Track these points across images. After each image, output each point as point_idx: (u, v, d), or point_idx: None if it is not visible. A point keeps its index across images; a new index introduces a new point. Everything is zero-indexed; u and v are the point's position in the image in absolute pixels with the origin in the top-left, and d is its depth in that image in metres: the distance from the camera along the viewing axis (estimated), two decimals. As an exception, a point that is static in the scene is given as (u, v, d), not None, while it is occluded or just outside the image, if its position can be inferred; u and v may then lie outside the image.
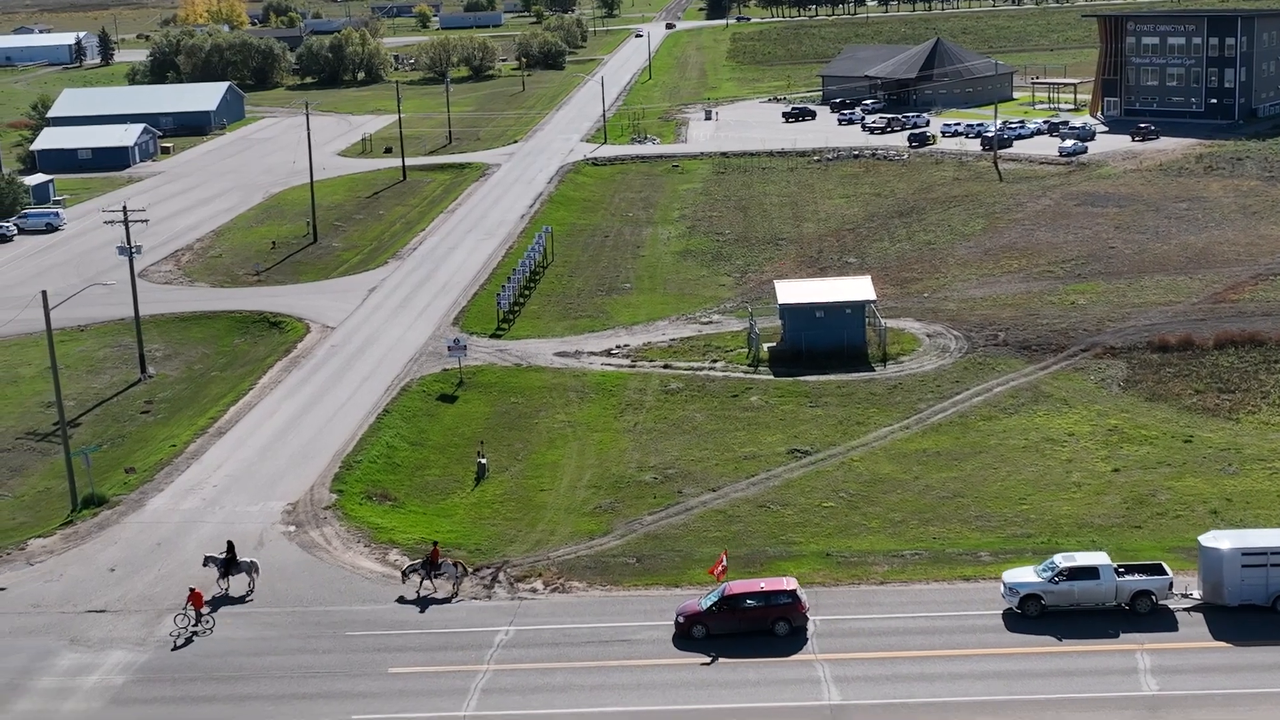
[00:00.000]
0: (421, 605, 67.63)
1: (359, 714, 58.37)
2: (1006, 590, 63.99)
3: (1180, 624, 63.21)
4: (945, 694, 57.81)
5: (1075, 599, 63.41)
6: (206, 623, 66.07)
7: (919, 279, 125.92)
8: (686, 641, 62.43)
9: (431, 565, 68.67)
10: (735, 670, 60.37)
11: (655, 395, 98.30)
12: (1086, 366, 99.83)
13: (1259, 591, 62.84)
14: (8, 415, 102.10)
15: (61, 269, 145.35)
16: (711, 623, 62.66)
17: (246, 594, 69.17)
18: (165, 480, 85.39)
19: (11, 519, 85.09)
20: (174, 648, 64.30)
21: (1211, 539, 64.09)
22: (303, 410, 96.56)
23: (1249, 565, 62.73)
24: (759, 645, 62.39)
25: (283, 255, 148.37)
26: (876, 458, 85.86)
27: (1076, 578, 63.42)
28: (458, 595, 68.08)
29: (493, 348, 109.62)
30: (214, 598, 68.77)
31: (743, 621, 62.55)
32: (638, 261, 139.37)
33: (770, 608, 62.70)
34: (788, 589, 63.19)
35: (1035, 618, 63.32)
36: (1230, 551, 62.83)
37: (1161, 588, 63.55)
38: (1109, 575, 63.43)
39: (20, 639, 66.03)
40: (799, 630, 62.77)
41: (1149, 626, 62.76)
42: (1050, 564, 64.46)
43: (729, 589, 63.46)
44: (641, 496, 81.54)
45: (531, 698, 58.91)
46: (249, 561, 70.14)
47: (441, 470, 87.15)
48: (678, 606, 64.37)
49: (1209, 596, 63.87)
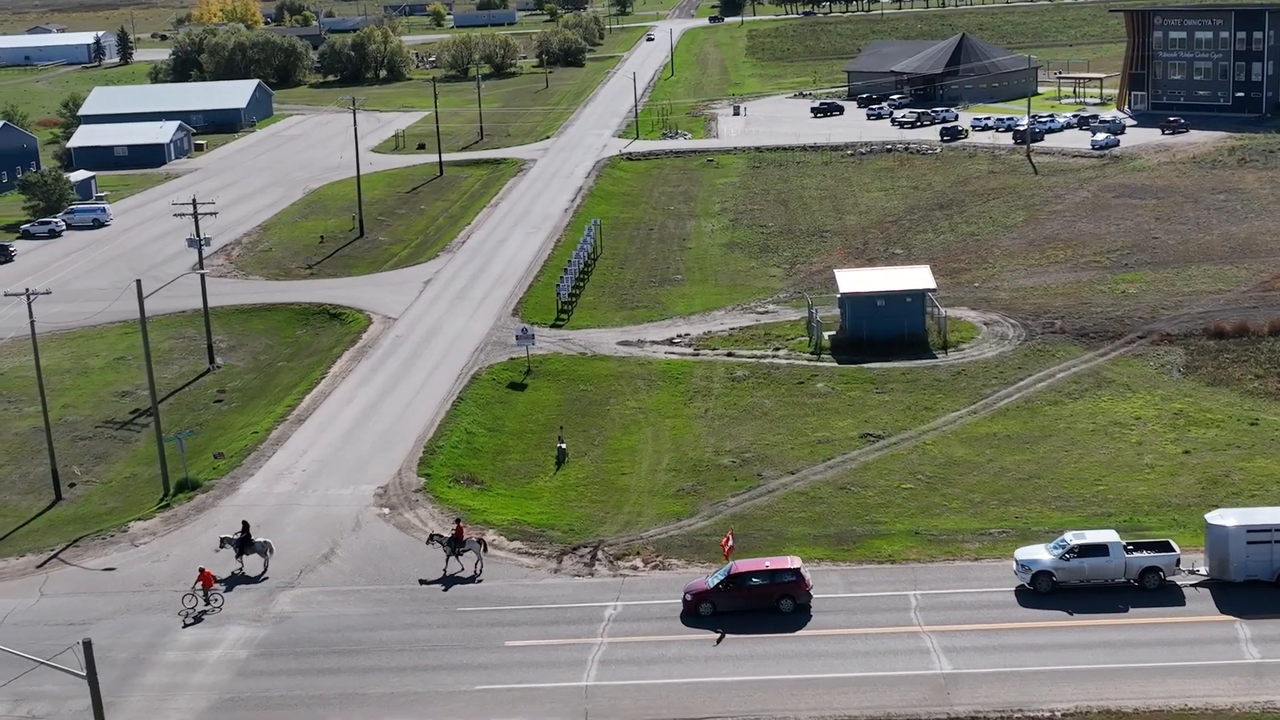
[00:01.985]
0: (446, 584, 69.60)
1: (482, 684, 60.15)
2: (1019, 567, 65.90)
3: (1188, 599, 64.73)
4: (1053, 663, 59.48)
5: (1086, 575, 65.26)
6: (216, 601, 67.82)
7: (967, 269, 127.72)
8: (694, 618, 64.25)
9: (457, 542, 70.50)
10: (842, 642, 62.23)
11: (722, 382, 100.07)
12: (1145, 353, 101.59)
13: (1264, 567, 64.74)
14: (83, 405, 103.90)
15: (115, 264, 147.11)
16: (718, 600, 64.62)
17: (261, 574, 71.00)
18: (254, 465, 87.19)
19: (102, 504, 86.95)
20: (184, 625, 65.99)
21: (1218, 517, 66.05)
22: (378, 398, 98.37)
23: (1254, 542, 64.62)
24: (764, 622, 64.08)
25: (332, 249, 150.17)
26: (949, 441, 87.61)
27: (1087, 555, 65.31)
28: (481, 573, 69.68)
29: (555, 337, 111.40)
30: (231, 575, 71.04)
31: (749, 599, 64.53)
32: (685, 254, 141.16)
33: (775, 585, 64.65)
34: (792, 567, 65.21)
35: (1047, 594, 64.89)
36: (1236, 529, 64.73)
37: (1169, 564, 65.37)
38: (1118, 552, 65.33)
39: (138, 616, 67.85)
40: (803, 607, 64.70)
41: (1157, 601, 64.31)
42: (1061, 541, 66.36)
43: (735, 568, 65.47)
44: (722, 480, 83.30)
45: (649, 669, 60.74)
46: (263, 542, 72.33)
47: (521, 455, 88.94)
48: (686, 585, 66.07)
49: (1215, 572, 65.75)
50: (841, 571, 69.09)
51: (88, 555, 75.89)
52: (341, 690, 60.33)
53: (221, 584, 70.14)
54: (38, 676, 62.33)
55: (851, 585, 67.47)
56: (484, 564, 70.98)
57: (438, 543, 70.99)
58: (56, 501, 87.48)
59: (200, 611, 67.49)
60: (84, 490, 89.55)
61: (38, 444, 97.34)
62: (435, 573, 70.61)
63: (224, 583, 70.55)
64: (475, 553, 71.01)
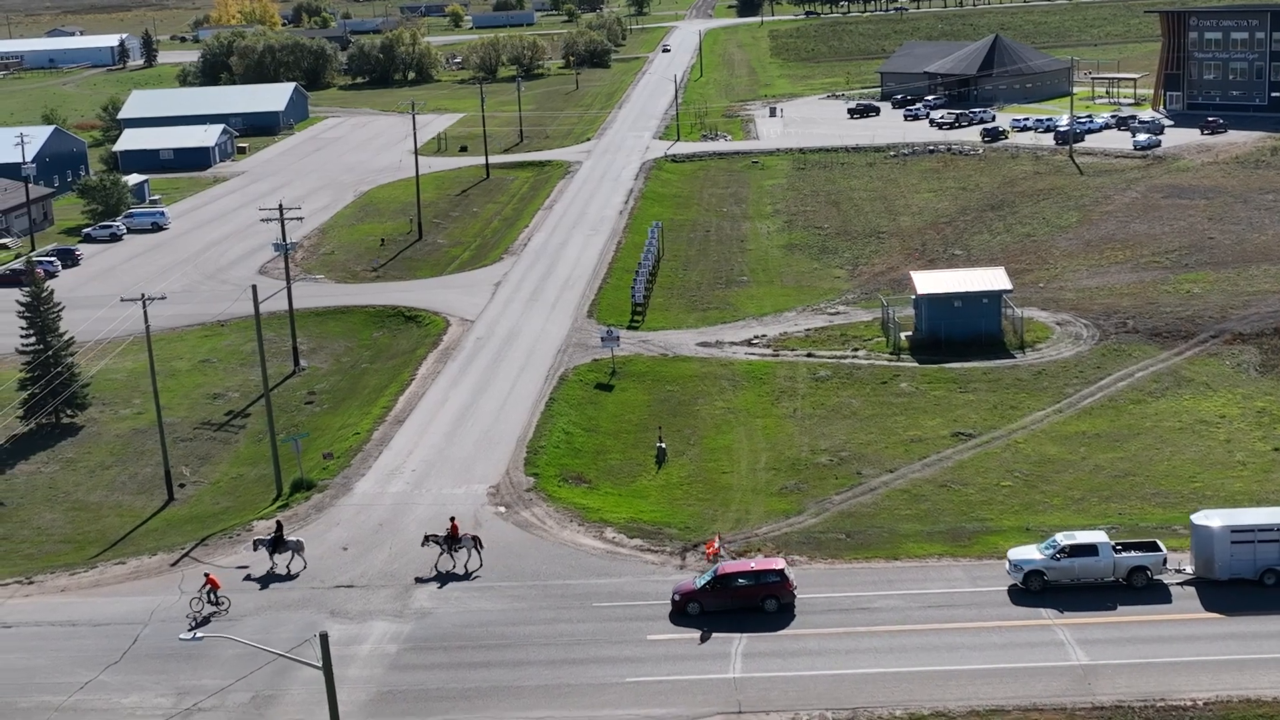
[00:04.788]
0: (442, 580, 71.88)
1: (632, 677, 62.21)
2: (1011, 567, 68.14)
3: (1174, 597, 66.87)
4: (1187, 654, 61.53)
5: (1076, 574, 67.43)
6: (222, 604, 70.03)
7: (1029, 270, 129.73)
8: (682, 617, 66.57)
9: (452, 540, 72.62)
10: (978, 635, 64.29)
11: (806, 383, 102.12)
12: (1219, 352, 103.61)
13: (1247, 566, 66.97)
14: (177, 407, 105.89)
15: (181, 267, 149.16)
16: (705, 600, 66.85)
17: (297, 571, 73.63)
18: (363, 465, 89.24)
19: (215, 504, 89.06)
20: (190, 628, 67.72)
21: (1203, 518, 68.32)
22: (471, 399, 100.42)
23: (1238, 542, 66.87)
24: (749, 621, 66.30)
25: (393, 252, 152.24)
26: (1039, 439, 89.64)
27: (1077, 555, 67.50)
28: (479, 570, 72.10)
29: (634, 339, 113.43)
30: (267, 574, 73.88)
31: (734, 599, 66.75)
32: (746, 255, 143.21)
33: (760, 586, 66.87)
34: (776, 568, 67.50)
35: (1038, 592, 67.00)
36: (1220, 529, 66.96)
37: (1156, 563, 67.64)
38: (1107, 552, 67.57)
39: (282, 613, 69.92)
40: (787, 607, 66.92)
41: (1145, 599, 66.41)
42: (1052, 542, 68.53)
43: (722, 569, 67.71)
44: (823, 478, 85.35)
45: (791, 661, 62.80)
46: (296, 541, 74.79)
47: (621, 455, 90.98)
48: (674, 585, 68.40)
49: (1201, 571, 67.99)
50: (963, 567, 71.15)
51: (217, 554, 77.91)
52: (495, 683, 62.36)
53: (258, 582, 72.84)
54: (197, 670, 64.45)
55: (975, 580, 69.51)
56: (482, 561, 73.07)
57: (433, 542, 73.24)
58: (169, 502, 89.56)
59: (208, 614, 69.43)
60: (194, 490, 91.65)
61: (139, 445, 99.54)
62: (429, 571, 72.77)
63: (259, 581, 73.00)
64: (470, 550, 73.09)
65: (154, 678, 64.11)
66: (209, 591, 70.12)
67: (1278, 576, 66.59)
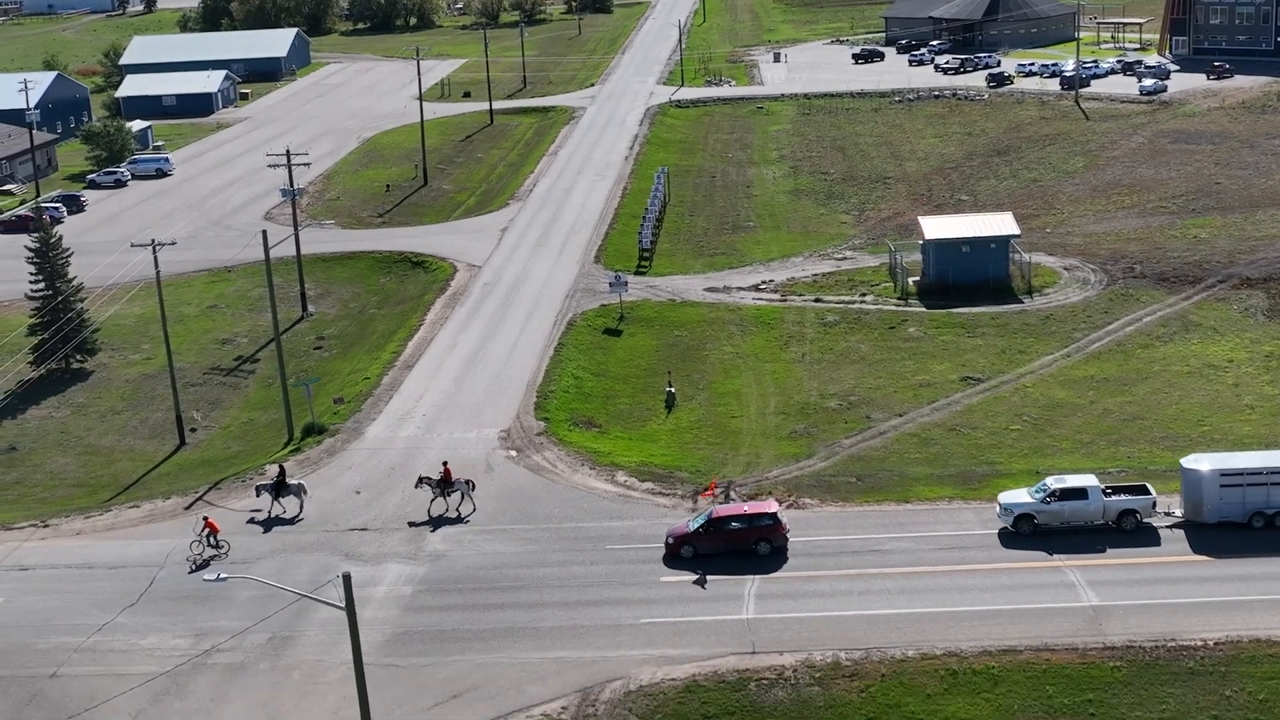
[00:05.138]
0: (435, 524, 72.08)
1: (646, 618, 62.69)
2: (1002, 510, 68.58)
3: (1163, 540, 67.32)
4: (1196, 595, 62.00)
5: (1065, 518, 67.89)
6: (222, 547, 70.40)
7: (1036, 215, 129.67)
8: (676, 560, 66.90)
9: (445, 484, 73.03)
10: (989, 577, 64.76)
11: (814, 328, 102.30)
12: (1227, 297, 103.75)
13: (1236, 509, 67.45)
14: (186, 353, 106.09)
15: (185, 213, 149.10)
16: (699, 543, 67.23)
17: (297, 515, 74.04)
18: (374, 410, 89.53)
19: (226, 448, 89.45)
20: (190, 570, 68.57)
21: (1192, 461, 68.76)
22: (480, 344, 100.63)
23: (1227, 485, 67.30)
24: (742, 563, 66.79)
25: (399, 197, 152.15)
26: (1048, 384, 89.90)
27: (1067, 498, 67.89)
28: (472, 512, 72.71)
29: (641, 284, 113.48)
30: (269, 517, 74.20)
31: (728, 542, 67.14)
32: (752, 201, 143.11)
33: (753, 529, 67.24)
34: (769, 512, 67.81)
35: (1028, 535, 67.49)
36: (1210, 473, 67.44)
37: (1145, 507, 68.09)
38: (1097, 496, 67.96)
39: (297, 555, 70.39)
40: (779, 550, 67.30)
41: (1134, 542, 66.81)
42: (1042, 486, 68.95)
43: (716, 512, 68.05)
44: (832, 422, 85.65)
45: (804, 602, 63.28)
46: (297, 484, 75.06)
47: (630, 399, 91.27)
48: (668, 528, 68.76)
49: (1190, 515, 68.49)
50: (974, 509, 71.53)
51: (230, 497, 78.29)
52: (510, 624, 62.86)
53: (261, 525, 73.24)
54: (214, 612, 64.96)
55: (986, 523, 69.87)
56: (475, 505, 73.61)
57: (426, 484, 73.72)
58: (181, 446, 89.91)
59: (208, 557, 69.83)
60: (205, 435, 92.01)
61: (149, 390, 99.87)
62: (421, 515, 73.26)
63: (262, 525, 73.13)
64: (463, 493, 73.58)
65: (171, 619, 64.62)
66: (208, 535, 70.46)
67: (1266, 520, 67.04)
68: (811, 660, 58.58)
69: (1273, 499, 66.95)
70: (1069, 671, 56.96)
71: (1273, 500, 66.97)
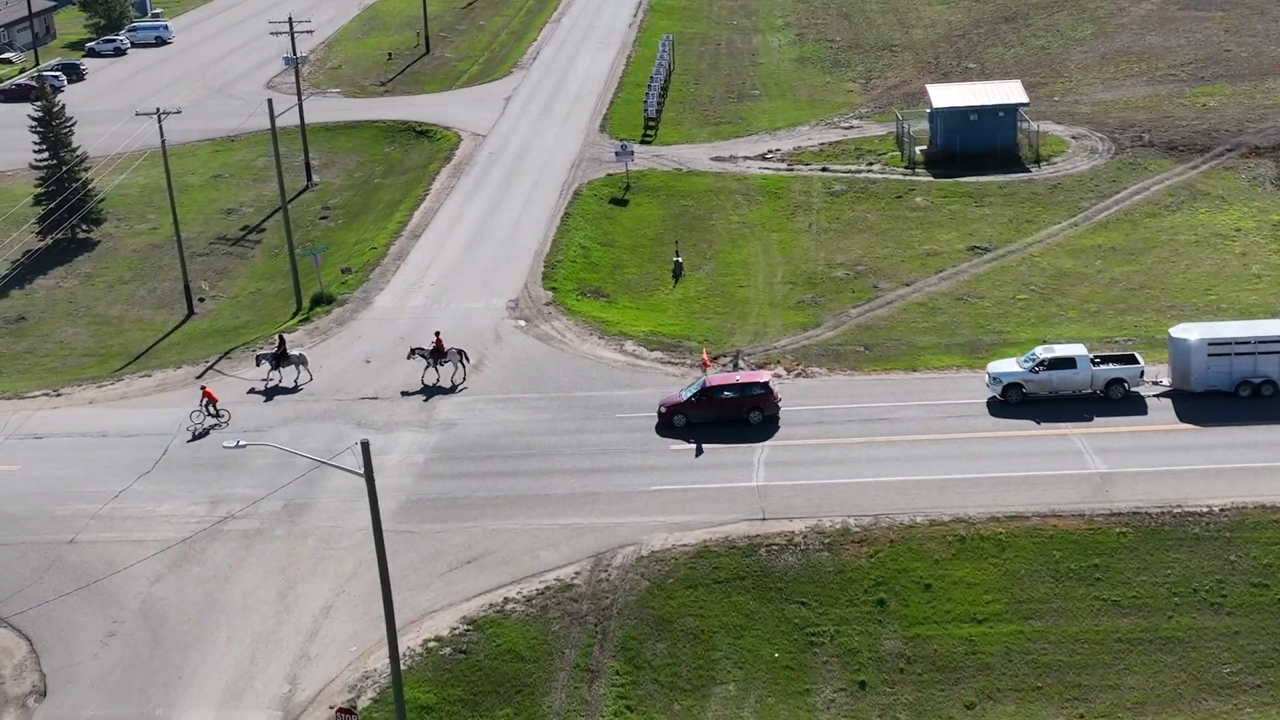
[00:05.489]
0: (427, 393, 72.51)
1: (657, 485, 63.33)
2: (990, 379, 68.97)
3: (1150, 408, 67.87)
4: (1202, 463, 62.57)
5: (1054, 387, 68.27)
6: (222, 416, 70.93)
7: (1044, 83, 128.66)
8: (669, 429, 67.52)
9: (438, 354, 73.41)
10: (997, 444, 65.28)
11: (821, 197, 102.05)
12: (1235, 165, 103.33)
13: (1223, 378, 67.84)
14: (192, 223, 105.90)
15: (186, 80, 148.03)
16: (691, 412, 67.75)
17: (295, 385, 74.42)
18: (381, 280, 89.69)
19: (235, 318, 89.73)
20: (189, 439, 69.24)
21: (1181, 330, 69.04)
22: (486, 214, 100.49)
23: (1215, 354, 67.66)
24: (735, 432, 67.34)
25: (401, 66, 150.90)
26: (1055, 253, 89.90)
27: (1055, 368, 68.24)
28: (464, 382, 73.15)
29: (647, 153, 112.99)
30: (268, 387, 74.56)
31: (720, 411, 67.61)
32: (757, 69, 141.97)
33: (745, 398, 67.67)
34: (761, 381, 68.15)
35: (1016, 404, 67.88)
36: (1198, 342, 67.73)
37: (1133, 375, 68.42)
38: (1085, 365, 68.28)
39: (309, 424, 70.91)
40: (771, 419, 67.79)
41: (1121, 411, 67.30)
42: (1031, 355, 69.31)
43: (708, 381, 68.43)
44: (839, 291, 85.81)
45: (813, 470, 63.89)
46: (298, 354, 75.30)
47: (638, 269, 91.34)
48: (660, 398, 69.25)
49: (1178, 384, 68.91)
50: (981, 378, 71.73)
51: (241, 367, 78.64)
52: (523, 491, 63.52)
53: (262, 394, 73.76)
54: (229, 479, 65.62)
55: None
56: (466, 374, 73.86)
57: (419, 355, 74.07)
58: (189, 316, 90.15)
59: (208, 426, 70.38)
60: (213, 305, 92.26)
61: (156, 260, 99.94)
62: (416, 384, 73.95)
63: (263, 394, 73.73)
64: (455, 364, 73.89)
65: (186, 486, 65.28)
66: (207, 404, 70.88)
67: (1252, 388, 67.46)
68: (821, 526, 59.26)
69: (1260, 368, 67.39)
70: (1076, 537, 57.64)
71: (1260, 369, 67.45)
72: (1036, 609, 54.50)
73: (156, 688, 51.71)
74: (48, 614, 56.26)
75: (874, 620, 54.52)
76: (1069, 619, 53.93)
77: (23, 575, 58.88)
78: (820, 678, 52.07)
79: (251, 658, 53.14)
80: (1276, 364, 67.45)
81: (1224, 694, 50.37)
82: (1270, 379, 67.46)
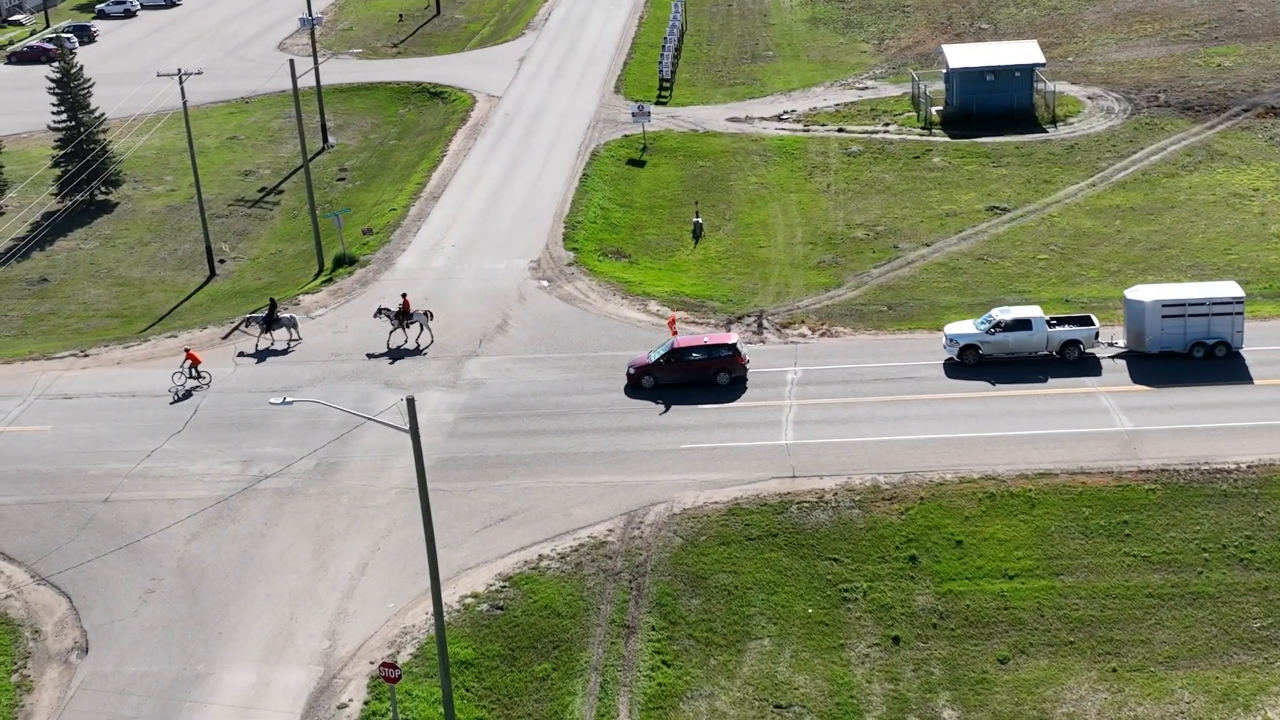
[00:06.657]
0: (394, 356, 73.14)
1: (687, 444, 63.78)
2: (947, 341, 69.32)
3: (1104, 369, 68.28)
4: (1230, 420, 63.01)
5: (1010, 348, 68.65)
6: (204, 378, 71.44)
7: (1058, 44, 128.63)
8: (637, 390, 68.02)
9: (404, 316, 73.80)
10: (1024, 402, 65.76)
11: (838, 158, 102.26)
12: (1252, 126, 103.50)
13: (1178, 340, 68.24)
14: (210, 184, 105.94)
15: (199, 43, 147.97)
16: (660, 373, 68.26)
17: (287, 346, 74.94)
18: (403, 241, 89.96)
19: (256, 279, 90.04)
20: (172, 401, 69.74)
21: (1135, 292, 69.39)
22: (505, 175, 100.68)
23: (1169, 316, 68.00)
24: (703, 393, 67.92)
25: (412, 27, 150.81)
26: (1074, 213, 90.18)
27: (1011, 329, 68.62)
28: (430, 344, 73.82)
29: (663, 114, 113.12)
30: (258, 349, 74.93)
31: (688, 372, 68.12)
32: (770, 30, 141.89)
33: (712, 360, 68.15)
34: (729, 343, 68.62)
35: (974, 365, 68.29)
36: (1152, 303, 68.06)
37: (1088, 337, 68.79)
38: (1040, 326, 68.64)
39: (338, 384, 71.30)
40: (739, 380, 68.36)
41: (1076, 372, 67.72)
42: (988, 317, 69.68)
43: (676, 343, 68.83)
44: (860, 252, 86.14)
45: (842, 428, 64.32)
46: (289, 317, 75.75)
47: (658, 229, 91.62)
48: (629, 359, 69.68)
49: (1132, 345, 69.34)
50: (1006, 337, 71.98)
51: (261, 328, 78.80)
52: (553, 450, 63.96)
53: (253, 357, 74.23)
54: (260, 439, 66.05)
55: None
56: (433, 336, 74.34)
57: (385, 316, 74.37)
58: (211, 277, 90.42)
59: (191, 388, 70.85)
60: (234, 266, 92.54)
61: (176, 222, 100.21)
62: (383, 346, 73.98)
63: (254, 356, 74.16)
64: (421, 324, 74.25)
65: (218, 446, 65.72)
66: (190, 367, 71.24)
67: (1206, 349, 67.86)
68: (851, 484, 59.74)
69: (1213, 329, 67.72)
70: (1105, 494, 58.12)
71: (1213, 330, 67.80)
72: (1067, 565, 54.98)
73: (198, 644, 52.23)
74: (86, 572, 56.73)
75: (906, 576, 55.01)
76: (1100, 574, 54.41)
77: (59, 534, 59.35)
78: (854, 633, 52.61)
79: (291, 614, 53.64)
80: (1230, 325, 67.75)
81: (1255, 648, 50.87)
82: (1224, 340, 67.91)
